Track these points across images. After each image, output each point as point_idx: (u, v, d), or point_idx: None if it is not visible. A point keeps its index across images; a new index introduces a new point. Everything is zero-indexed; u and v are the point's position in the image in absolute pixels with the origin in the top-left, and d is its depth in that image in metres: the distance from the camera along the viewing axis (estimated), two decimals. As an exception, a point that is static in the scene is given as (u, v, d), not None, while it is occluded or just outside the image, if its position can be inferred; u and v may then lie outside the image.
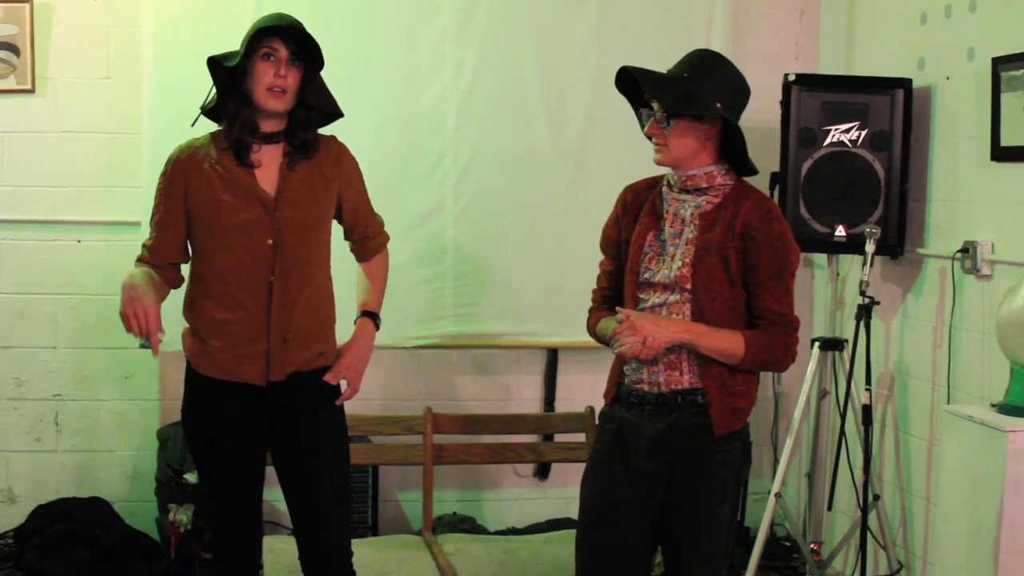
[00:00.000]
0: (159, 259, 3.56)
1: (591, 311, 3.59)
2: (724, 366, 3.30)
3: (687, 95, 3.27)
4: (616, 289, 3.50)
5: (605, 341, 3.46)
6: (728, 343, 3.27)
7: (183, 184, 3.51)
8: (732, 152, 3.37)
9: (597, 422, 3.56)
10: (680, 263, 3.30)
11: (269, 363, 3.50)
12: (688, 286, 3.29)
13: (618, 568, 3.41)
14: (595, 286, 3.60)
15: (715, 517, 3.34)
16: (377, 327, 3.72)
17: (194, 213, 3.50)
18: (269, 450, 3.65)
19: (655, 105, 3.30)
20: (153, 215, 3.58)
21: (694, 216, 3.35)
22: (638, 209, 3.46)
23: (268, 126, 3.51)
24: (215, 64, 3.46)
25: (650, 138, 3.36)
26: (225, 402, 3.54)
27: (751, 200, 3.34)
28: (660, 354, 3.30)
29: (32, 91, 5.18)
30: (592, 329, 3.57)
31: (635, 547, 3.40)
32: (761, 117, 5.09)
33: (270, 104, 3.46)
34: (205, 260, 3.52)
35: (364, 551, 4.11)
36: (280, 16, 3.48)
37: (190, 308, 3.58)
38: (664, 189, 3.43)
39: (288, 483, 3.65)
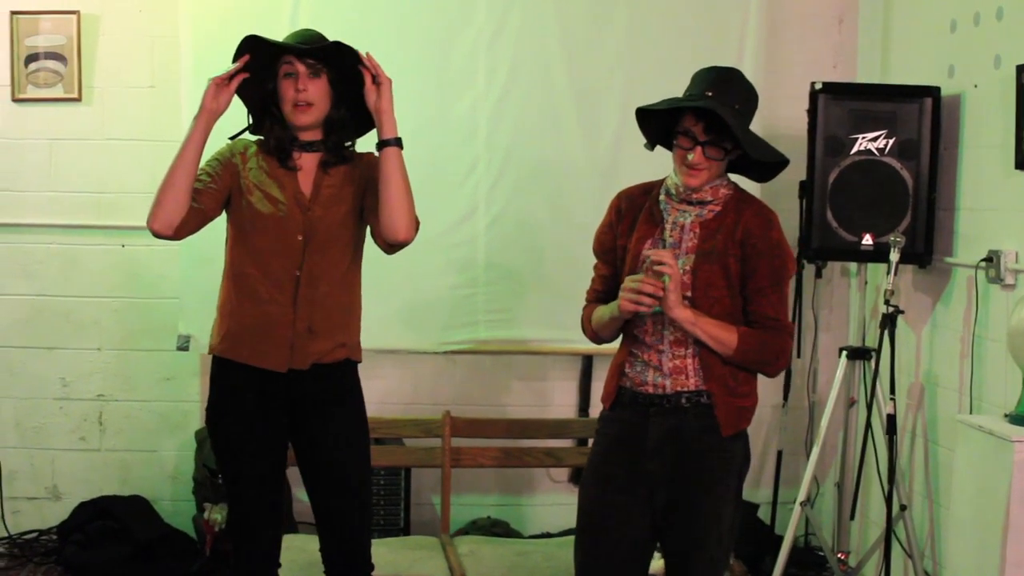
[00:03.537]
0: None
1: (585, 308, 3.62)
2: (727, 368, 3.33)
3: (758, 140, 3.34)
4: (610, 293, 3.53)
5: (601, 327, 3.50)
6: (724, 332, 3.30)
7: (237, 163, 3.63)
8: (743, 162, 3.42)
9: (597, 426, 3.58)
10: (681, 271, 3.33)
11: (293, 352, 3.59)
12: (688, 293, 3.32)
13: (616, 571, 3.44)
14: (589, 287, 3.63)
15: (719, 517, 3.37)
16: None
17: (236, 193, 3.61)
18: (291, 443, 3.73)
19: (695, 129, 3.30)
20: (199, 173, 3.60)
21: (694, 224, 3.38)
22: (634, 216, 3.48)
23: (306, 136, 3.65)
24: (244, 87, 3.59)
25: (686, 156, 3.33)
26: (247, 389, 3.62)
27: (751, 208, 3.39)
28: (665, 356, 3.34)
29: (79, 100, 5.35)
30: (586, 320, 3.58)
31: (633, 550, 3.43)
32: (794, 125, 5.08)
33: (298, 119, 3.59)
34: (238, 245, 3.63)
35: (383, 550, 4.17)
36: (295, 35, 3.62)
37: (222, 294, 3.69)
38: (662, 198, 3.45)
39: (307, 475, 3.73)
